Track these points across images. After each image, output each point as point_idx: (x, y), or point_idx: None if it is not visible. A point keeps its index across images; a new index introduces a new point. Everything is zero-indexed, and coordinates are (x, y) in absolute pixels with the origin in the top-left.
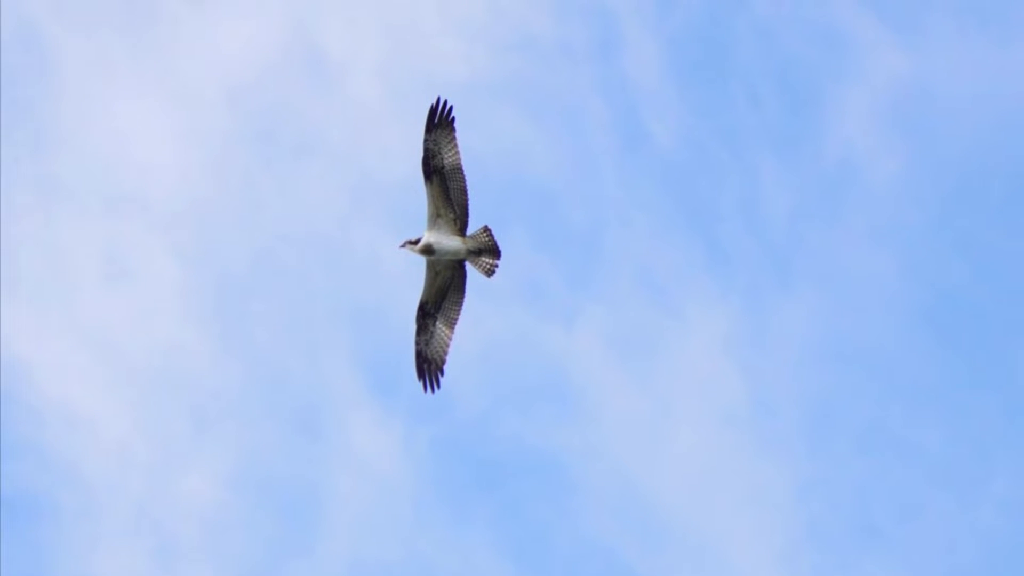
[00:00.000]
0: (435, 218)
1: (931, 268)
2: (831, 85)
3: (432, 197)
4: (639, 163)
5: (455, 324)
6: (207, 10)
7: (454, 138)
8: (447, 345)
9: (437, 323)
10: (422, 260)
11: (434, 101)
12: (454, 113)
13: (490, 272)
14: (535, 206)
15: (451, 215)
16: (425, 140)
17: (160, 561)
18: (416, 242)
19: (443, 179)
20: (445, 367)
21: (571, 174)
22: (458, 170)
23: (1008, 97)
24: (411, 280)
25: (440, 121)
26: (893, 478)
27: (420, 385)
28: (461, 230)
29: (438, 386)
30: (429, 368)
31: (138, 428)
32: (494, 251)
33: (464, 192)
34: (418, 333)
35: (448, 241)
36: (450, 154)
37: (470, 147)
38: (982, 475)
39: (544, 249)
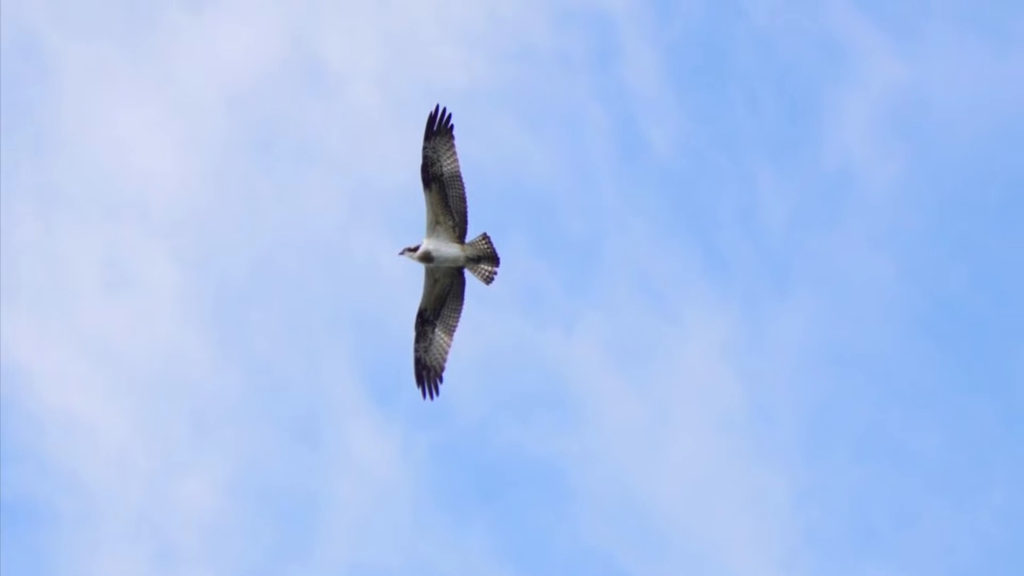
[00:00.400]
0: (434, 225)
1: (929, 274)
2: (829, 92)
3: (431, 204)
4: (637, 170)
5: (454, 331)
6: (207, 18)
7: (453, 146)
8: (446, 352)
9: (436, 330)
10: (421, 267)
11: (433, 109)
12: (453, 121)
13: (489, 279)
14: (534, 213)
15: (450, 222)
16: (424, 148)
17: (160, 567)
18: (415, 249)
19: (442, 186)
20: (444, 374)
21: (570, 181)
22: (457, 178)
23: (1006, 104)
24: (410, 287)
25: (439, 129)
26: (891, 484)
27: (419, 392)
28: (460, 237)
29: (437, 393)
30: (428, 375)
31: (138, 434)
32: (493, 258)
33: (463, 199)
34: (417, 340)
35: (447, 248)
36: (449, 162)
37: (469, 155)
38: (980, 481)
39: (543, 256)
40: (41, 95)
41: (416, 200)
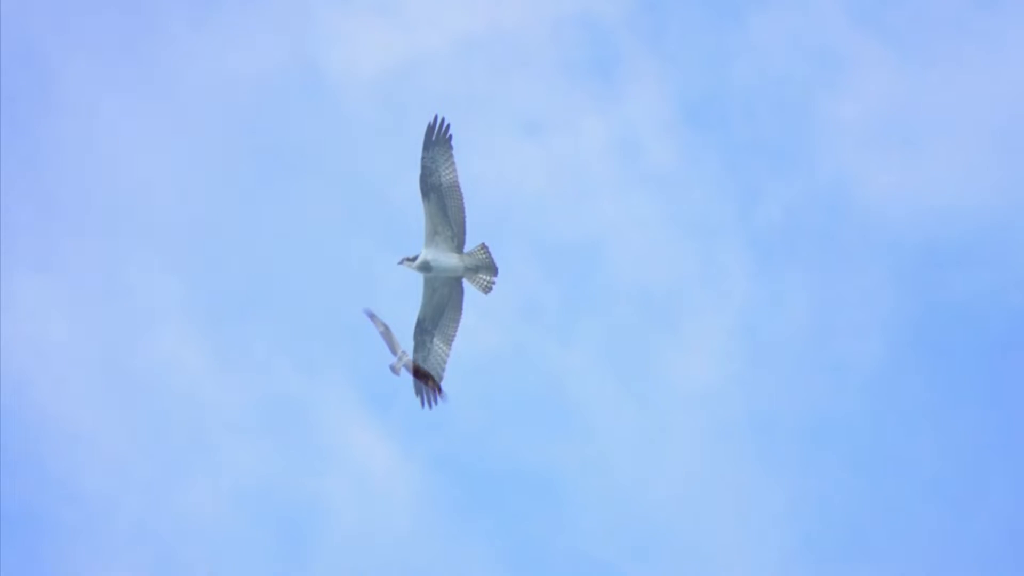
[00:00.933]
0: (433, 235)
1: (925, 284)
2: (827, 101)
3: (430, 214)
4: (635, 179)
5: (452, 340)
6: (207, 27)
7: (451, 156)
8: (444, 361)
9: (434, 340)
10: (420, 277)
11: (431, 118)
12: (451, 131)
13: (487, 289)
14: (532, 223)
15: (449, 232)
16: (423, 157)
17: None
18: (414, 259)
19: (441, 196)
20: (442, 383)
21: (567, 190)
22: (455, 187)
23: (1004, 114)
24: (409, 297)
25: (438, 138)
26: (888, 493)
27: (418, 401)
28: (459, 247)
29: (436, 402)
30: (427, 384)
31: (137, 443)
32: (491, 268)
33: (462, 209)
34: (416, 350)
35: (445, 258)
36: (447, 172)
37: (467, 164)
38: (977, 491)
39: (541, 265)
40: (41, 104)
41: (415, 210)
